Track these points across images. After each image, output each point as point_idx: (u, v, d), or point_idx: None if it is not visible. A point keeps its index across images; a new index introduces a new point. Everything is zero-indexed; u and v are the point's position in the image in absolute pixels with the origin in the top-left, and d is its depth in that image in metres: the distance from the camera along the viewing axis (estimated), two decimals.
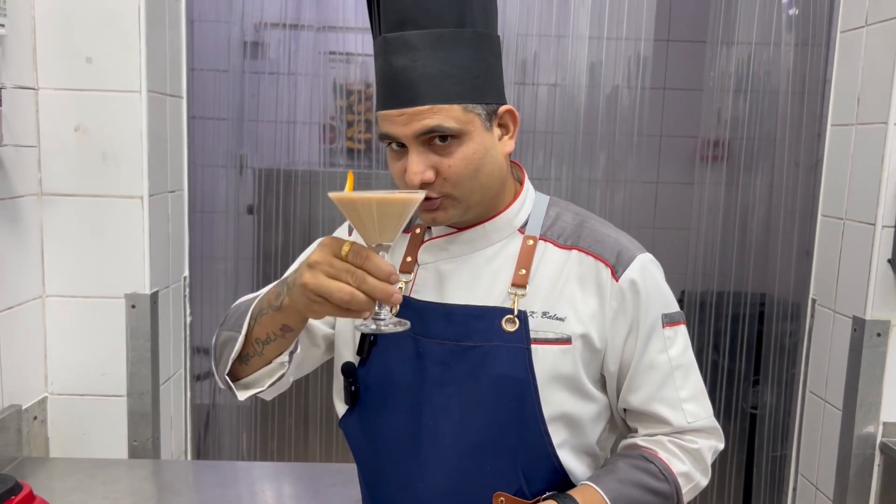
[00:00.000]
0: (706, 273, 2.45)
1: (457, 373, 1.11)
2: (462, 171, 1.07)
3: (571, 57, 2.32)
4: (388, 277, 0.91)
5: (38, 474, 1.71)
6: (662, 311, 1.13)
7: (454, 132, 1.05)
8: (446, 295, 1.14)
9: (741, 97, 2.37)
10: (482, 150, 1.09)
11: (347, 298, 0.91)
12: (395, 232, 0.96)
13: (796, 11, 2.30)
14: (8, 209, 1.72)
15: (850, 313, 2.00)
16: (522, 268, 1.13)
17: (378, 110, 1.10)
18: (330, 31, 2.41)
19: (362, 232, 0.95)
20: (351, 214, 0.95)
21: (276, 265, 2.46)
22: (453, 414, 1.11)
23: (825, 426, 2.13)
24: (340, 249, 0.92)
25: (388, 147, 1.11)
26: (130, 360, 1.90)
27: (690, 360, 1.17)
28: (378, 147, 2.42)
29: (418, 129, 1.05)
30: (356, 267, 0.91)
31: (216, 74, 2.37)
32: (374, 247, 0.95)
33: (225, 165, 2.41)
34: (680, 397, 1.14)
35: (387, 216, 0.94)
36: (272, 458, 2.51)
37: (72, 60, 1.81)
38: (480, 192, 1.11)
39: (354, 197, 0.93)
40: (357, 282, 0.91)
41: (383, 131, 1.09)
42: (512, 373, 1.08)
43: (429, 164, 1.06)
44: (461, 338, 1.11)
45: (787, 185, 2.37)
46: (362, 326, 0.96)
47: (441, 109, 1.05)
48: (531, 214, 1.18)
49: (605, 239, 1.14)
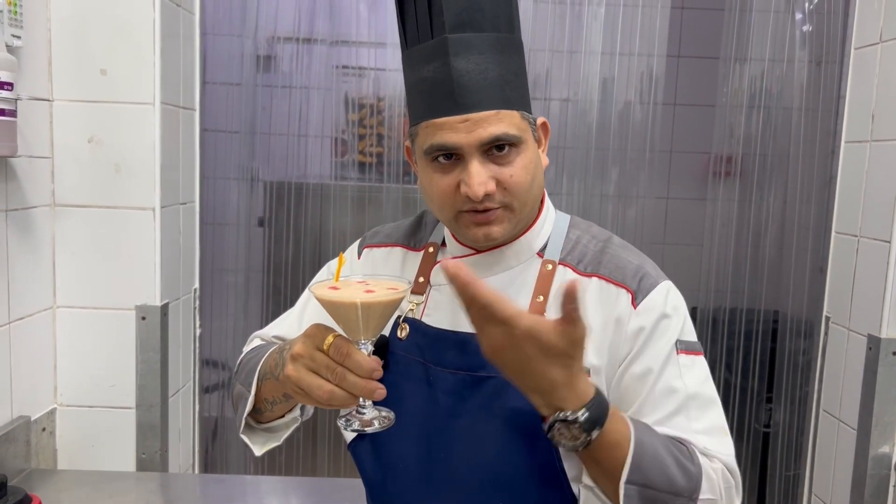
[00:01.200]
0: (718, 290, 2.43)
1: (470, 405, 1.06)
2: (522, 181, 1.03)
3: (584, 72, 2.32)
4: (370, 374, 0.88)
5: (46, 486, 1.71)
6: (679, 337, 1.06)
7: (516, 140, 1.01)
8: (460, 322, 1.08)
9: (754, 113, 2.36)
10: (535, 159, 1.06)
11: (326, 397, 0.89)
12: (379, 329, 0.92)
13: (810, 28, 2.29)
14: (21, 220, 1.72)
15: (865, 331, 1.97)
16: (540, 294, 1.07)
17: (428, 119, 1.02)
18: (342, 46, 2.41)
19: (344, 329, 0.91)
20: (332, 313, 0.91)
21: (286, 278, 2.46)
22: (466, 447, 1.07)
23: (839, 445, 2.10)
24: (324, 342, 0.89)
25: (430, 163, 1.04)
26: (140, 372, 1.89)
27: (711, 394, 1.06)
28: (390, 160, 2.42)
29: (484, 137, 1.00)
30: (337, 363, 0.88)
31: (229, 88, 2.38)
32: (357, 342, 0.91)
33: (236, 178, 2.41)
34: (693, 428, 1.02)
35: (371, 317, 0.89)
36: (280, 473, 2.49)
37: (86, 72, 1.82)
38: (531, 204, 1.07)
39: (336, 300, 0.89)
40: (337, 379, 0.88)
41: (438, 142, 1.01)
42: (526, 406, 0.99)
43: (490, 175, 1.01)
44: (475, 368, 1.06)
45: (800, 202, 2.36)
46: (344, 424, 0.92)
47: (505, 115, 1.01)
48: (551, 236, 1.13)
49: (626, 265, 1.08)
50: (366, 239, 1.27)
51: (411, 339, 1.12)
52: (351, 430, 0.92)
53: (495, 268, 1.11)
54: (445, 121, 1.00)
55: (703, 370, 1.07)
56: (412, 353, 1.12)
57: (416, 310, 1.13)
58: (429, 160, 1.04)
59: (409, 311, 1.14)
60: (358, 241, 1.28)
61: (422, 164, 1.07)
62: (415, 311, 1.14)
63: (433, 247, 1.18)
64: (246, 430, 1.15)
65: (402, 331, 1.13)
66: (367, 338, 0.91)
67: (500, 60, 1.01)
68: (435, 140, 1.01)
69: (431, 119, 1.02)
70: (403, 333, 1.13)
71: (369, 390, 0.88)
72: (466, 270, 0.84)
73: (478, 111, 0.99)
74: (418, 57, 1.04)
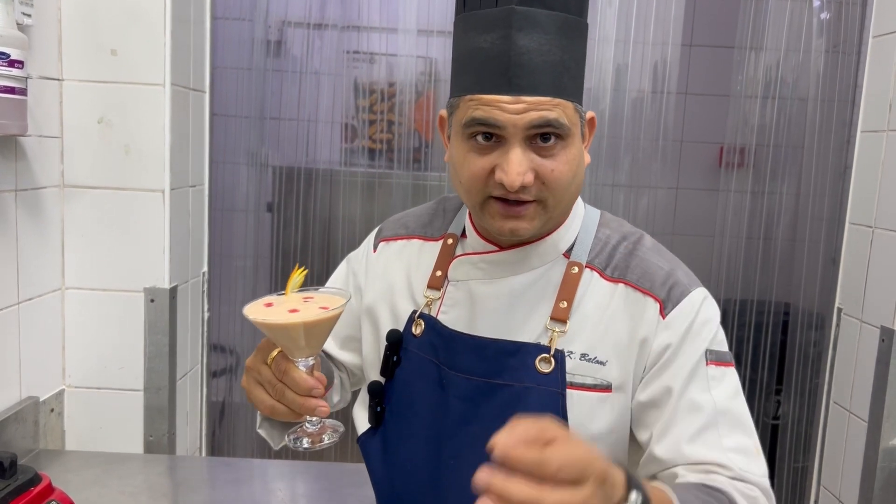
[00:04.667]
0: (730, 281, 2.41)
1: (483, 412, 1.01)
2: (563, 178, 0.95)
3: (597, 60, 2.30)
4: (308, 392, 0.87)
5: (53, 467, 1.70)
6: (708, 347, 0.99)
7: (565, 132, 0.94)
8: (477, 322, 1.04)
9: (768, 103, 2.34)
10: (580, 156, 0.98)
11: (268, 411, 0.89)
12: (321, 345, 0.90)
13: (827, 16, 2.27)
14: (30, 200, 1.72)
15: (878, 323, 1.96)
16: (564, 299, 1.01)
17: (475, 93, 0.94)
18: (353, 31, 2.40)
19: (284, 348, 0.89)
20: (269, 334, 0.88)
21: (295, 264, 2.45)
22: (477, 454, 1.01)
23: (849, 437, 2.09)
24: (268, 356, 0.89)
25: (466, 140, 0.96)
26: (148, 355, 1.89)
27: (742, 409, 0.98)
28: (399, 147, 2.40)
29: (535, 120, 0.91)
30: (277, 380, 0.88)
31: (238, 72, 2.37)
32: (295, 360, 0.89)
33: (245, 163, 2.40)
34: (724, 445, 0.93)
35: (302, 336, 0.86)
36: (286, 457, 2.49)
37: (97, 52, 1.80)
38: (566, 203, 1.00)
39: (263, 322, 0.85)
40: (277, 395, 0.88)
41: (482, 116, 0.92)
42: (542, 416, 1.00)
43: (530, 166, 0.93)
44: (491, 375, 1.01)
45: (814, 193, 2.34)
46: (291, 442, 0.91)
47: (559, 104, 0.93)
48: (579, 236, 1.05)
49: (656, 271, 1.01)
50: (381, 231, 1.22)
51: (426, 338, 1.08)
52: (301, 449, 0.90)
53: (517, 267, 1.04)
54: (495, 98, 0.92)
55: (734, 383, 1.00)
56: (426, 353, 1.08)
57: (432, 305, 1.09)
58: (466, 136, 0.96)
59: (424, 307, 1.09)
60: (374, 232, 1.23)
61: (456, 139, 0.99)
62: (431, 306, 1.09)
63: (452, 238, 1.12)
64: (264, 425, 1.13)
65: (417, 327, 1.09)
66: (305, 355, 0.89)
67: (564, 45, 0.92)
68: (478, 114, 0.93)
69: (479, 94, 0.93)
70: (418, 330, 1.09)
71: (307, 408, 0.88)
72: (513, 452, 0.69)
73: (532, 95, 0.91)
74: (475, 23, 0.94)
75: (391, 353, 1.10)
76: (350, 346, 1.22)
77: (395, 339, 1.10)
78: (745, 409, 0.99)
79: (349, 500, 1.66)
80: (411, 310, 1.11)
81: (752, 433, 0.98)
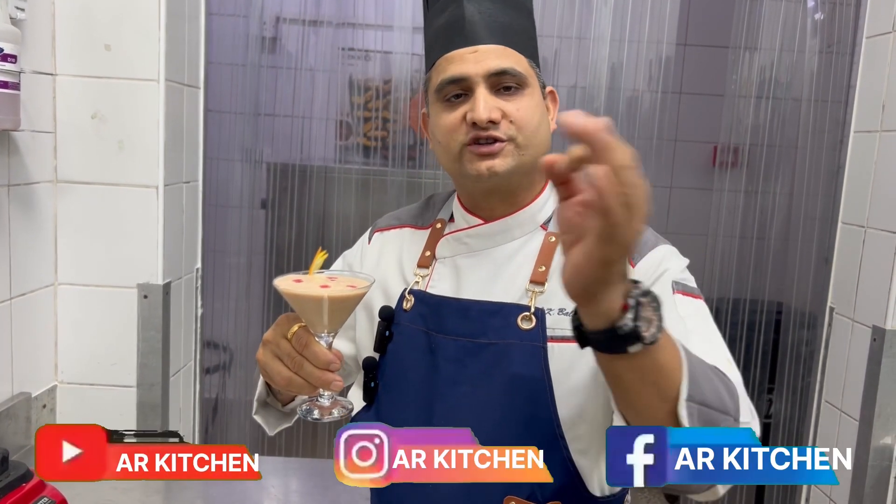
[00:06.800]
0: (722, 280, 2.42)
1: (471, 371, 1.07)
2: (528, 118, 1.06)
3: (592, 58, 2.30)
4: (327, 366, 0.90)
5: None
6: (674, 279, 1.03)
7: (523, 80, 1.06)
8: (462, 290, 1.11)
9: (762, 103, 2.34)
10: (542, 108, 1.10)
11: (284, 383, 0.92)
12: (339, 324, 0.94)
13: (821, 16, 2.28)
14: (23, 195, 1.71)
15: (870, 322, 1.97)
16: (542, 265, 1.08)
17: (443, 54, 1.09)
18: (348, 28, 2.40)
19: (307, 322, 0.93)
20: (295, 305, 0.92)
21: (288, 261, 2.45)
22: (466, 413, 1.07)
23: (841, 436, 2.10)
24: (289, 331, 0.92)
25: (440, 102, 1.09)
26: (141, 351, 1.88)
27: (713, 329, 1.00)
28: (394, 144, 2.40)
29: (493, 68, 1.05)
30: (297, 352, 0.91)
31: (233, 68, 2.36)
32: (317, 334, 0.92)
33: (240, 159, 2.40)
34: (698, 352, 0.87)
35: (328, 311, 0.91)
36: (280, 454, 2.49)
37: (90, 47, 1.80)
38: (536, 145, 1.08)
39: (296, 294, 0.90)
40: (295, 367, 0.91)
41: (448, 74, 1.07)
42: (527, 372, 1.03)
43: (496, 104, 1.05)
44: (476, 335, 1.08)
45: (807, 193, 2.34)
46: (303, 412, 0.95)
47: (512, 54, 1.07)
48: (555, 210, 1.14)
49: None
50: (376, 224, 1.30)
51: (415, 310, 1.13)
52: (311, 419, 0.94)
53: (498, 238, 1.13)
54: (455, 53, 1.06)
55: (704, 312, 1.03)
56: (416, 324, 1.13)
57: (421, 282, 1.15)
58: (440, 100, 1.09)
59: (414, 284, 1.16)
60: (370, 228, 1.31)
61: (433, 109, 1.11)
62: (420, 283, 1.15)
63: (440, 223, 1.20)
64: (260, 411, 1.17)
65: (408, 303, 1.14)
66: (326, 331, 0.93)
67: (509, 13, 1.09)
68: (446, 74, 1.07)
69: (443, 54, 1.08)
70: (408, 305, 1.14)
71: (324, 381, 0.91)
72: None
73: (486, 44, 1.06)
74: (435, 11, 1.11)
75: (384, 328, 1.15)
76: (345, 334, 1.25)
77: (387, 315, 1.15)
78: (716, 330, 1.02)
79: (342, 496, 1.66)
80: (402, 289, 1.17)
81: (725, 348, 1.00)
